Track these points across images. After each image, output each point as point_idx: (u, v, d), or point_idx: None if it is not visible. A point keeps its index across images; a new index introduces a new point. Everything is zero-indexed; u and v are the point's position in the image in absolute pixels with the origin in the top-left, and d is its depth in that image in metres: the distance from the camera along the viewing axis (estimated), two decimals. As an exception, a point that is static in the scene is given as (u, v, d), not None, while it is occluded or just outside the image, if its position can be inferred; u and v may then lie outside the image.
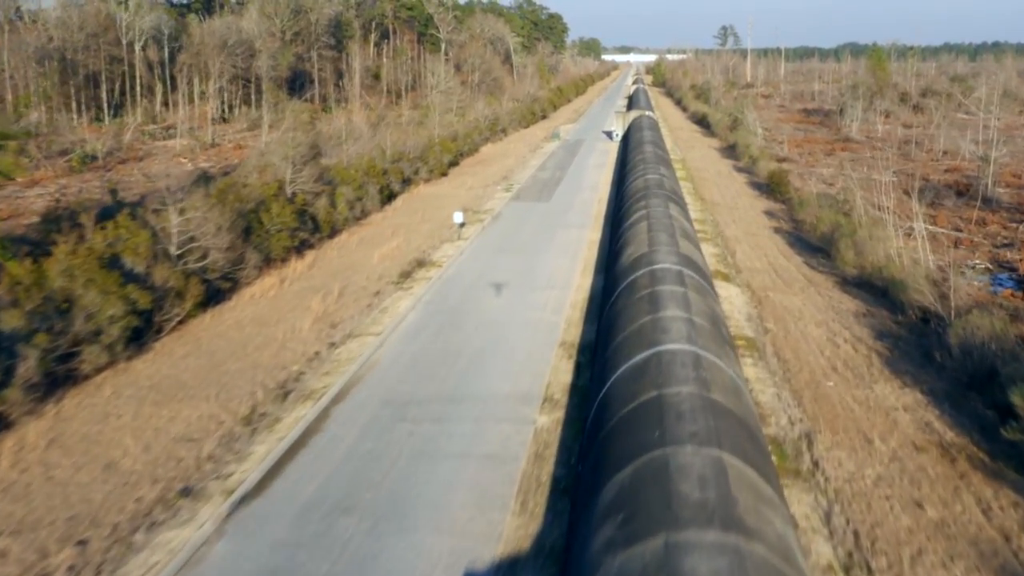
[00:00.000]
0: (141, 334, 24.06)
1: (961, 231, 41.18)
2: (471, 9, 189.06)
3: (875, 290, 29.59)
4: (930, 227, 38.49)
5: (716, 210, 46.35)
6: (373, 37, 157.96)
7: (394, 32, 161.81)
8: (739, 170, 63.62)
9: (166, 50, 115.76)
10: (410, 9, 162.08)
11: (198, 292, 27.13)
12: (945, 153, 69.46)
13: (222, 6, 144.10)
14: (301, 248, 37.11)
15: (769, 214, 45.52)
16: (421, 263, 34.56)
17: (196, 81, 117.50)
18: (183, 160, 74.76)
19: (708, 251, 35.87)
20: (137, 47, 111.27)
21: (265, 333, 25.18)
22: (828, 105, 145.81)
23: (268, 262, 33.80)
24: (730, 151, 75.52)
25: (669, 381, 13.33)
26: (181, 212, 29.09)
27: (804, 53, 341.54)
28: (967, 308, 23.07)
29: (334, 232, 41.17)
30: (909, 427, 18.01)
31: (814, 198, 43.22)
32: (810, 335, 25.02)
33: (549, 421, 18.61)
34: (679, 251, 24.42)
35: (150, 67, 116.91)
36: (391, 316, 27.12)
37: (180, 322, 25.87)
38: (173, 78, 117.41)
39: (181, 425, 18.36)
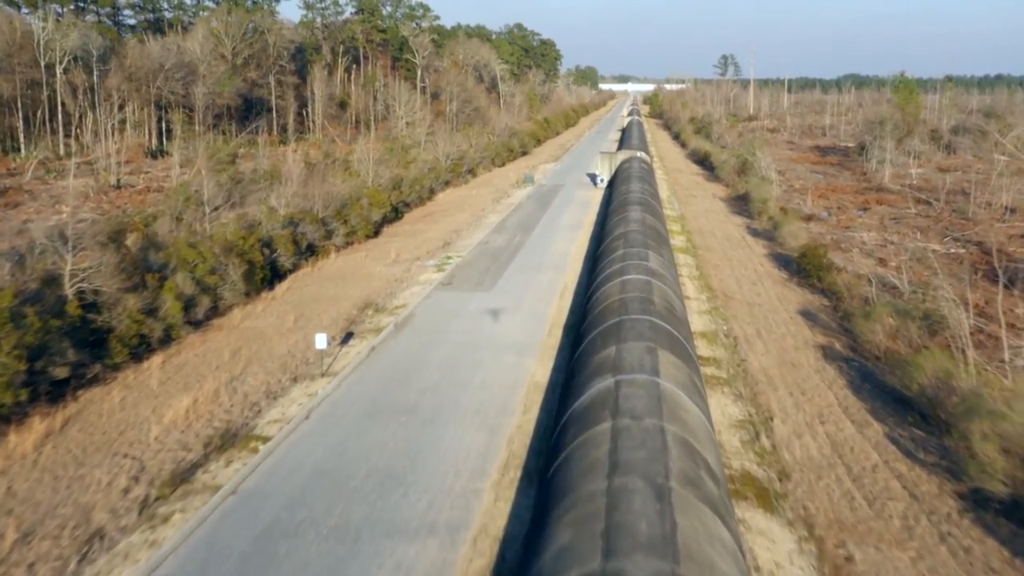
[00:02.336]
0: None
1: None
2: (453, 33, 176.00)
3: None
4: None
5: (731, 309, 31.84)
6: (342, 62, 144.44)
7: (366, 57, 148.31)
8: (754, 233, 49.24)
9: (95, 73, 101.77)
10: (383, 32, 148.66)
11: None
12: (1013, 211, 55.17)
13: (171, 26, 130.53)
14: (57, 399, 22.45)
15: (809, 318, 30.99)
16: (224, 448, 19.92)
17: (131, 109, 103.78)
18: (64, 209, 60.45)
19: (726, 412, 21.31)
20: (59, 69, 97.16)
21: None
22: (841, 141, 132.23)
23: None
24: (739, 203, 61.24)
25: None
26: None
27: (805, 84, 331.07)
28: None
29: (149, 350, 26.57)
30: None
31: (883, 304, 28.72)
32: None
33: None
34: (665, 443, 10.61)
35: (75, 92, 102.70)
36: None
37: None
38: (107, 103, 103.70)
39: None
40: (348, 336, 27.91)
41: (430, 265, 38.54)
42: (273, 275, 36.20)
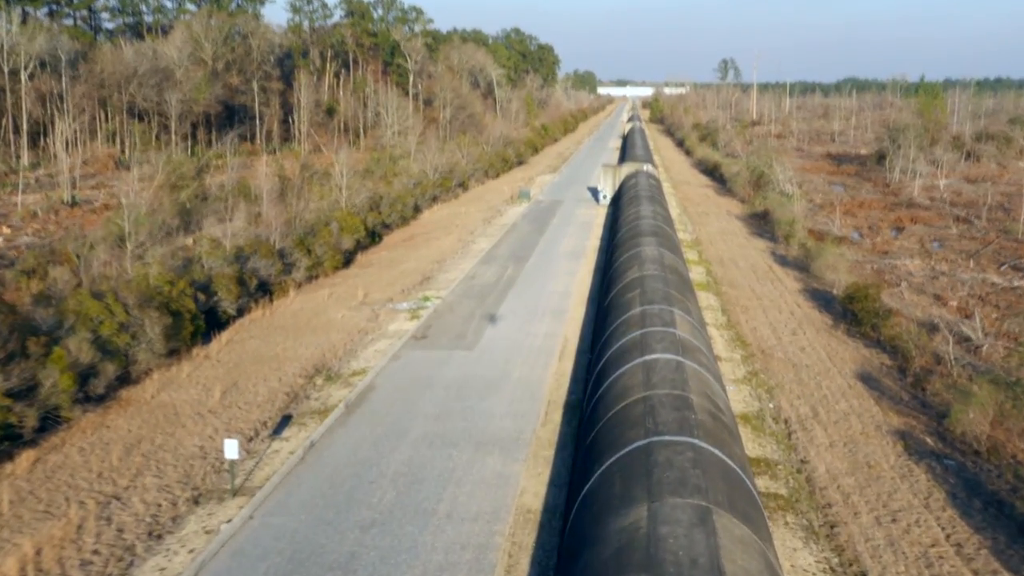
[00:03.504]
0: None
1: None
2: (448, 38, 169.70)
3: None
4: None
5: (773, 373, 25.45)
6: (331, 67, 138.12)
7: (356, 62, 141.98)
8: (781, 261, 42.88)
9: (64, 79, 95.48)
10: (373, 36, 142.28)
11: None
12: (1070, 233, 48.84)
13: (150, 30, 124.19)
14: None
15: (872, 385, 24.62)
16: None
17: (101, 117, 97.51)
18: (5, 230, 54.19)
19: (797, 564, 14.94)
20: (23, 75, 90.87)
21: None
22: (851, 147, 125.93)
23: None
24: (759, 223, 54.89)
25: None
26: None
27: (805, 88, 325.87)
28: None
29: (19, 443, 20.16)
30: None
31: (981, 381, 22.34)
32: None
33: None
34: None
35: (43, 100, 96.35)
36: None
37: None
38: (81, 111, 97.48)
39: None
40: (284, 422, 21.51)
41: (403, 310, 32.12)
42: (211, 325, 29.80)
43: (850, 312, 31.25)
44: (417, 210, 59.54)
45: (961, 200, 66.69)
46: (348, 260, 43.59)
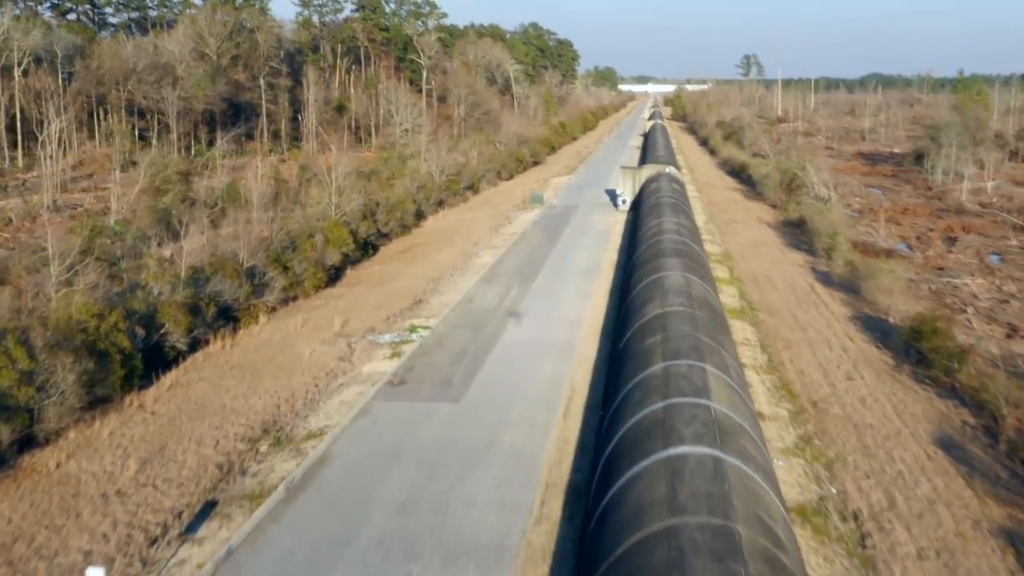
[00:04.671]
0: None
1: None
2: (463, 33, 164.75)
3: None
4: None
5: (830, 438, 20.37)
6: (342, 63, 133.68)
7: (368, 58, 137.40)
8: (824, 279, 37.66)
9: (60, 76, 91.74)
10: (385, 30, 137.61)
11: None
12: None
13: (155, 25, 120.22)
14: None
15: (957, 456, 19.52)
16: None
17: (98, 115, 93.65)
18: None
19: None
20: (17, 72, 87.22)
21: None
22: (883, 145, 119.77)
23: None
24: (794, 232, 49.63)
25: None
26: None
27: (828, 84, 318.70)
28: None
29: None
30: None
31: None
32: None
33: None
34: None
35: (38, 97, 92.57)
36: None
37: None
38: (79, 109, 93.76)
39: None
40: (205, 511, 16.78)
41: (384, 343, 27.34)
42: (155, 364, 25.14)
43: (915, 350, 26.09)
44: (420, 216, 54.78)
45: (1012, 205, 61.03)
46: (336, 276, 38.91)
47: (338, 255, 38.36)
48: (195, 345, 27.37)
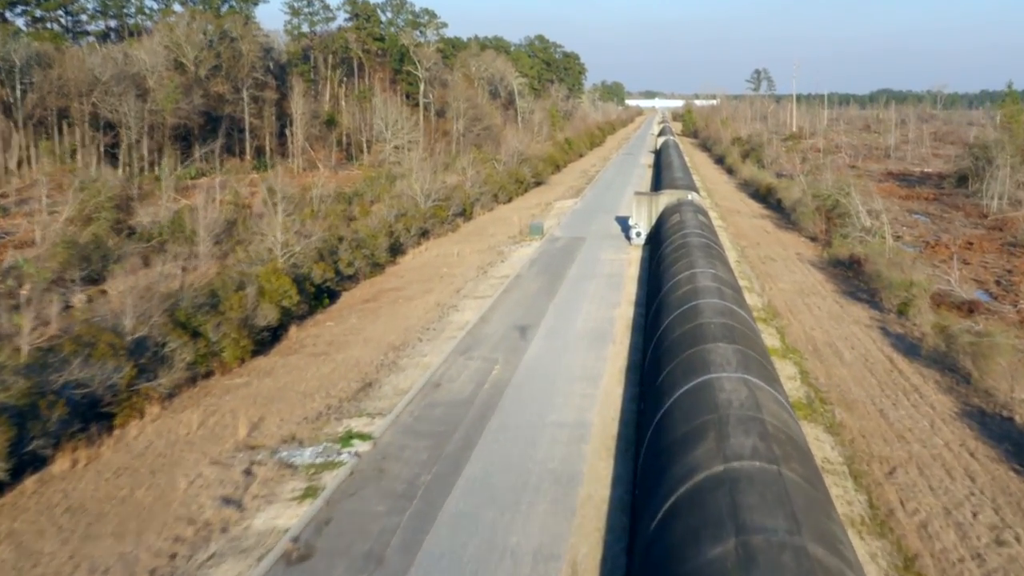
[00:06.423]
0: None
1: None
2: (465, 45, 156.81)
3: None
4: None
5: None
6: (334, 75, 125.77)
7: (361, 69, 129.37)
8: (901, 345, 28.94)
9: (17, 88, 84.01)
10: (380, 40, 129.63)
11: None
12: None
13: (132, 33, 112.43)
14: None
15: None
16: None
17: (57, 128, 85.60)
18: None
19: None
20: (-32, 83, 79.34)
21: None
22: (912, 164, 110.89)
23: None
24: (843, 272, 40.99)
25: None
26: None
27: (840, 99, 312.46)
28: None
29: None
30: None
31: None
32: None
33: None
34: None
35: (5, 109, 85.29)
36: None
37: None
38: (39, 123, 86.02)
39: None
40: None
41: (301, 465, 18.75)
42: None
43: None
44: (396, 251, 46.30)
45: (1093, 238, 52.22)
46: (274, 337, 30.43)
47: (275, 312, 29.81)
48: (26, 467, 18.85)
